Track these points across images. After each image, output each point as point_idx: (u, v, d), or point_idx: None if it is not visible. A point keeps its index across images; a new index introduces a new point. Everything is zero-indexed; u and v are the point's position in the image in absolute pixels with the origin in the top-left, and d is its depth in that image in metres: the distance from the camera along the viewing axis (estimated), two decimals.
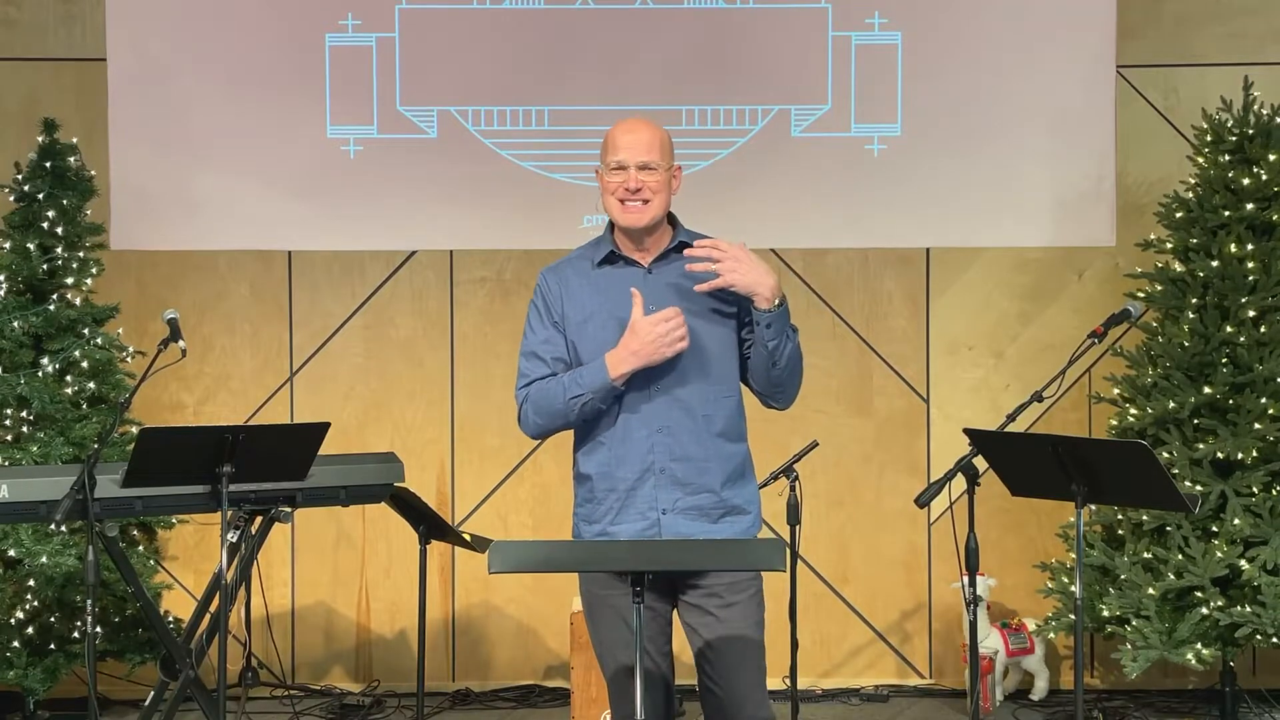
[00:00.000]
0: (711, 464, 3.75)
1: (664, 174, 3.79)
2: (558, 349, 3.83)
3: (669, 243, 3.84)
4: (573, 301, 3.83)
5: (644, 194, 3.76)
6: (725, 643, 3.72)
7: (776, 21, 6.25)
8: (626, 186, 3.76)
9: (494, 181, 6.25)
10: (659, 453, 3.73)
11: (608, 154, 3.81)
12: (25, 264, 5.68)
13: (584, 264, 3.88)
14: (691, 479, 3.74)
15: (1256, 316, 5.62)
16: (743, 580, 3.74)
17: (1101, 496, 4.34)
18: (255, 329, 6.34)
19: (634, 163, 3.76)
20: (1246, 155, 5.74)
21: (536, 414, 3.79)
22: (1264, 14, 6.29)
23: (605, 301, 3.80)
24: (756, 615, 3.77)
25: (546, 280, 3.89)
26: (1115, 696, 6.11)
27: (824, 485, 6.24)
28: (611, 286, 3.81)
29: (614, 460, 3.75)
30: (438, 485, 6.32)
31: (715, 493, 3.76)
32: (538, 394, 3.79)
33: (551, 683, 6.28)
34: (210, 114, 6.23)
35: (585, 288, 3.83)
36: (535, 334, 3.88)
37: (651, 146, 3.78)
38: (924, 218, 6.27)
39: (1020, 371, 6.27)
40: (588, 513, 3.81)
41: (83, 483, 4.42)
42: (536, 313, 3.89)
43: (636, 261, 3.83)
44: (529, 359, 3.87)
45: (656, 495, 3.73)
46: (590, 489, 3.79)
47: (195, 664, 4.91)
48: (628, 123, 3.86)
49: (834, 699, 6.18)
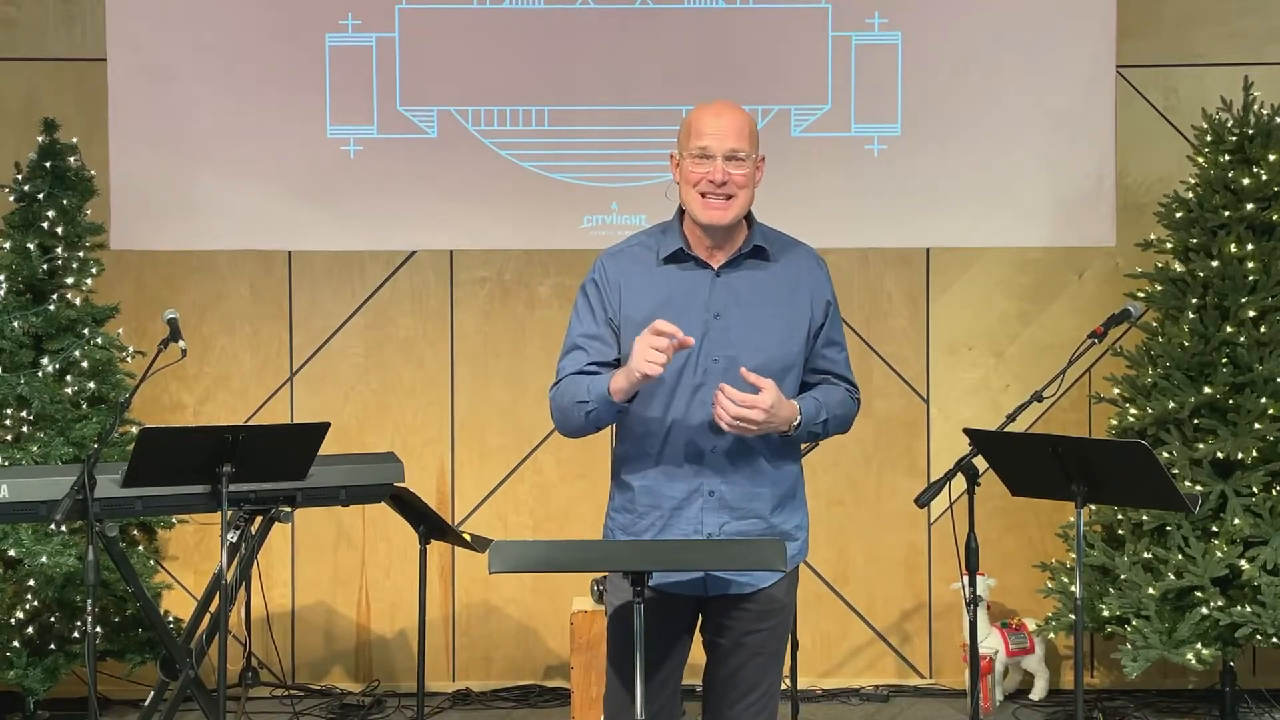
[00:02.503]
0: (764, 488, 3.53)
1: (751, 165, 3.48)
2: (604, 347, 3.51)
3: (743, 244, 3.55)
4: (632, 298, 3.51)
5: (729, 188, 3.45)
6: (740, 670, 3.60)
7: (776, 21, 6.24)
8: (711, 179, 3.44)
9: (494, 181, 6.25)
10: (708, 474, 3.49)
11: (690, 139, 3.49)
12: (25, 264, 5.67)
13: (649, 255, 3.55)
14: (741, 503, 3.51)
15: (1256, 316, 5.62)
16: (775, 607, 3.58)
17: (1101, 496, 4.35)
18: (255, 329, 6.34)
19: (721, 151, 3.44)
20: (1246, 155, 5.74)
21: (553, 410, 3.55)
22: (1264, 14, 6.29)
23: (668, 304, 3.47)
24: (778, 645, 3.62)
25: (605, 269, 3.55)
26: (1115, 696, 6.11)
27: (824, 485, 6.23)
28: (676, 289, 3.50)
29: (660, 475, 3.52)
30: (438, 485, 6.32)
31: (764, 519, 3.54)
32: (559, 391, 3.53)
33: (551, 683, 6.28)
34: (210, 114, 6.23)
35: (648, 284, 3.52)
36: (582, 326, 3.55)
37: (741, 133, 3.47)
38: (924, 218, 6.27)
39: (1020, 371, 6.27)
40: (627, 523, 3.58)
41: (83, 483, 4.42)
42: (588, 303, 3.55)
43: (706, 263, 3.52)
44: (568, 353, 3.56)
45: (703, 518, 3.51)
46: (631, 499, 3.56)
47: (195, 664, 4.91)
48: (714, 105, 3.53)
49: (834, 699, 6.18)
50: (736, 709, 3.60)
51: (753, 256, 3.56)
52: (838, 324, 3.67)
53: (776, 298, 3.55)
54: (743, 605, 3.57)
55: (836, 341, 3.66)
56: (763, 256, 3.58)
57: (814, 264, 3.66)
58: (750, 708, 3.60)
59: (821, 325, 3.61)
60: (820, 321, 3.60)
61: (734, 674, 3.60)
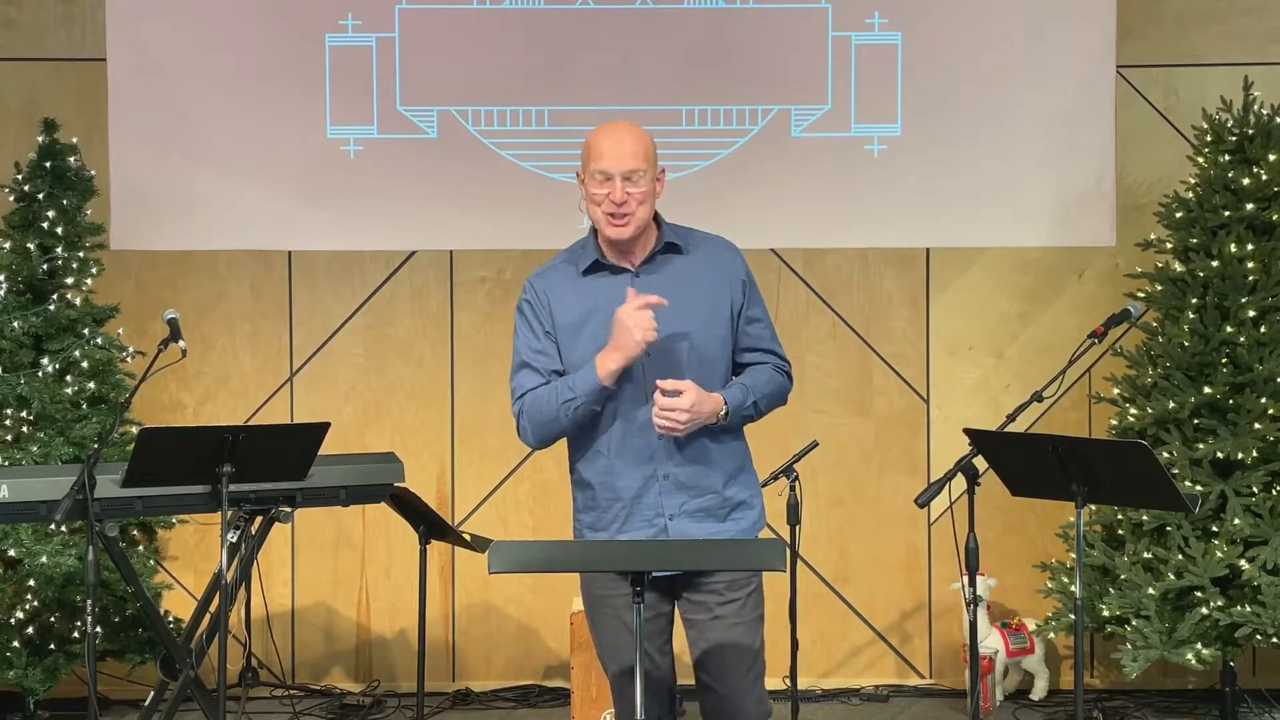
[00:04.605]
0: (714, 464, 3.74)
1: (649, 182, 3.71)
2: (551, 360, 3.75)
3: (655, 244, 3.78)
4: (562, 309, 3.76)
5: (629, 205, 3.68)
6: (723, 639, 3.73)
7: (776, 21, 6.24)
8: (612, 198, 3.67)
9: (494, 181, 6.25)
10: (660, 459, 3.71)
11: (590, 161, 3.73)
12: (25, 264, 5.68)
13: (571, 269, 3.81)
14: (695, 481, 3.73)
15: (1256, 316, 5.62)
16: (742, 578, 3.73)
17: (1101, 496, 4.35)
18: (255, 329, 6.34)
19: (619, 172, 3.68)
20: (1246, 155, 5.74)
21: (532, 424, 3.74)
22: (1264, 14, 6.29)
23: (596, 310, 3.72)
24: (755, 612, 3.77)
25: (534, 287, 3.81)
26: (1115, 696, 6.11)
27: (824, 485, 6.24)
28: (601, 294, 3.73)
29: (614, 468, 3.72)
30: (438, 485, 6.32)
31: (719, 493, 3.75)
32: (532, 404, 3.73)
33: (551, 683, 6.28)
34: (210, 114, 6.23)
35: (573, 296, 3.76)
36: (526, 344, 3.79)
37: (636, 154, 3.69)
38: (924, 218, 6.27)
39: (1020, 371, 6.27)
40: (593, 520, 3.78)
41: (83, 483, 4.42)
42: (526, 322, 3.80)
43: (623, 267, 3.77)
44: (521, 371, 3.80)
45: (661, 501, 3.72)
46: (592, 496, 3.77)
47: (195, 664, 4.91)
48: (611, 129, 3.76)
49: (834, 699, 6.18)
50: (730, 680, 3.74)
51: (666, 253, 3.80)
52: (757, 300, 3.87)
53: (695, 285, 3.77)
54: (711, 580, 3.72)
55: (758, 319, 3.86)
56: (676, 251, 3.81)
57: (727, 249, 3.88)
58: (744, 677, 3.75)
59: (742, 304, 3.82)
60: (740, 300, 3.81)
61: (719, 646, 3.73)
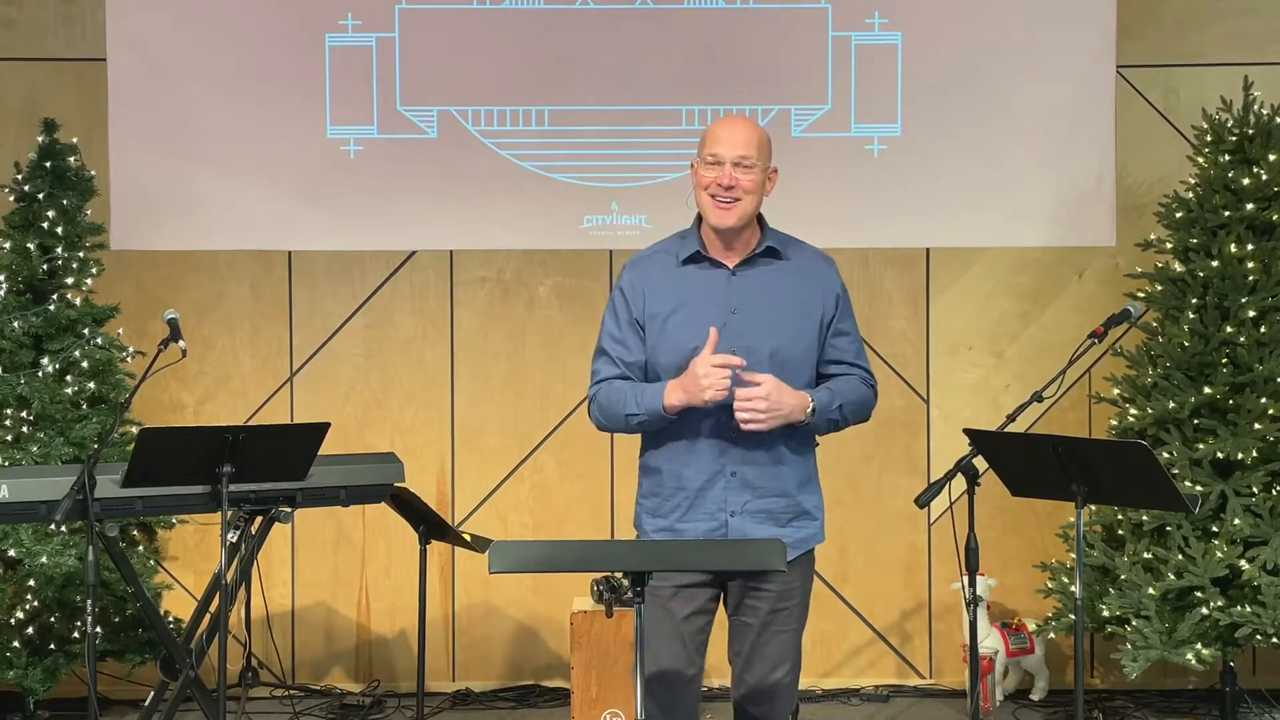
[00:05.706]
0: (783, 468, 3.81)
1: (759, 173, 3.76)
2: (628, 350, 3.83)
3: (756, 245, 3.82)
4: (655, 298, 3.81)
5: (736, 191, 3.72)
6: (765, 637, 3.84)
7: (776, 21, 6.25)
8: (720, 182, 3.72)
9: (494, 181, 6.25)
10: (730, 456, 3.76)
11: (704, 147, 3.78)
12: (25, 264, 5.68)
13: (669, 259, 3.85)
14: (761, 482, 3.79)
15: (1256, 316, 5.62)
16: (794, 588, 3.84)
17: (1101, 496, 4.35)
18: (255, 329, 6.34)
19: (730, 158, 3.73)
20: (1246, 155, 5.74)
21: (601, 414, 3.84)
22: (1264, 14, 6.29)
23: (687, 302, 3.78)
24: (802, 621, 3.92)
25: (629, 275, 3.87)
26: (1115, 696, 6.11)
27: (824, 485, 6.16)
28: (694, 287, 3.80)
29: (685, 459, 3.78)
30: (438, 485, 6.32)
31: (790, 496, 3.83)
32: (605, 396, 3.82)
33: (551, 683, 6.28)
34: (210, 114, 6.23)
35: (668, 285, 3.82)
36: (609, 331, 3.86)
37: (749, 142, 3.74)
38: (924, 218, 6.27)
39: (1020, 371, 6.27)
40: (654, 506, 3.84)
41: (83, 483, 4.42)
42: (613, 308, 3.87)
43: (722, 263, 3.79)
44: (600, 357, 3.88)
45: (726, 497, 3.78)
46: (658, 483, 3.83)
47: (195, 664, 4.91)
48: (729, 119, 3.88)
49: (834, 699, 6.18)
50: (771, 678, 3.87)
51: (766, 256, 3.83)
52: (849, 315, 3.94)
53: (789, 292, 3.82)
54: (764, 586, 3.81)
55: (847, 332, 3.94)
56: (775, 256, 3.87)
57: (823, 261, 3.97)
58: (784, 678, 3.90)
59: (833, 316, 3.87)
60: (832, 313, 3.86)
61: (763, 649, 3.84)
